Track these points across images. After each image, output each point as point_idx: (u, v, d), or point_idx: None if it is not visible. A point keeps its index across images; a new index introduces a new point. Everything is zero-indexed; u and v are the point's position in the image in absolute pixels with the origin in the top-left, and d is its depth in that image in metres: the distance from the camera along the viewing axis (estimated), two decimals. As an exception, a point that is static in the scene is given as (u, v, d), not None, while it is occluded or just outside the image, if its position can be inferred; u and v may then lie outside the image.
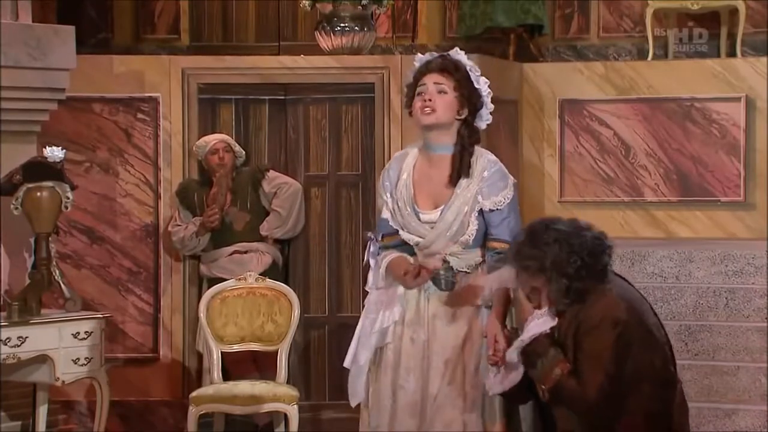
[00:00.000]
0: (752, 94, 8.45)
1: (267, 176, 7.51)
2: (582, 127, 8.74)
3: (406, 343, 4.96)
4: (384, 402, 4.97)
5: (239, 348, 6.96)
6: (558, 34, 9.58)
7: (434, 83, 4.95)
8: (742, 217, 8.46)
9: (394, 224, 5.01)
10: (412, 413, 4.92)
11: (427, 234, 4.95)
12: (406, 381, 4.94)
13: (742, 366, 6.98)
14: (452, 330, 4.94)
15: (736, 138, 8.47)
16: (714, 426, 6.81)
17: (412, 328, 4.96)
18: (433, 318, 4.95)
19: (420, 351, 4.94)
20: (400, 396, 4.93)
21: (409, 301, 4.98)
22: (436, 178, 5.00)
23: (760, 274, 7.33)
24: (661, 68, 8.75)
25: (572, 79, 8.77)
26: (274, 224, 7.48)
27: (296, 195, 7.53)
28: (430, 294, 4.97)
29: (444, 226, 4.93)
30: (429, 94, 4.94)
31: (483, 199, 4.94)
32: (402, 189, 5.00)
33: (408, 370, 4.94)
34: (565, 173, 8.77)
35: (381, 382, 4.99)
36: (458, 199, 4.93)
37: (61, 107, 7.07)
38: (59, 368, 6.45)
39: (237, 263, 7.38)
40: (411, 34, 9.65)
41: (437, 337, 4.94)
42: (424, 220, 4.96)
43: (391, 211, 5.01)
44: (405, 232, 4.99)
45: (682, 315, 7.25)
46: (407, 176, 5.02)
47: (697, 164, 8.56)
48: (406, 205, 4.98)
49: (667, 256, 7.56)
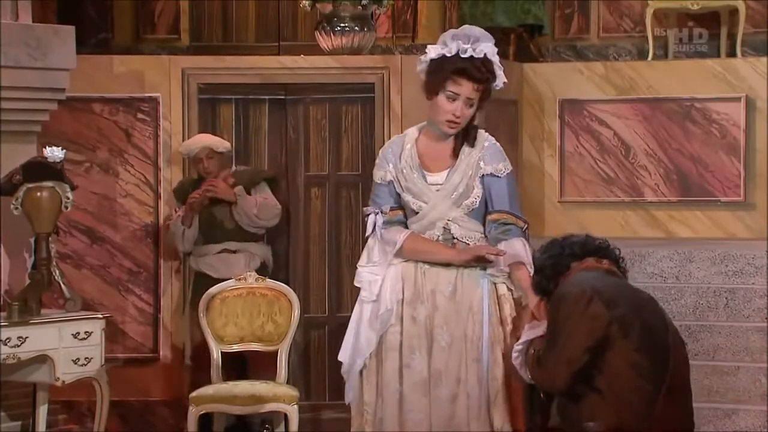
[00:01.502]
0: (752, 95, 8.45)
1: (258, 188, 7.48)
2: (582, 127, 8.74)
3: (407, 323, 4.96)
4: (391, 386, 4.95)
5: (239, 348, 6.96)
6: (558, 34, 9.58)
7: (467, 97, 4.96)
8: (742, 217, 8.46)
9: (397, 188, 5.01)
10: (423, 392, 4.91)
11: (432, 197, 4.96)
12: (412, 360, 4.93)
13: (742, 366, 6.98)
14: (453, 303, 4.95)
15: (736, 138, 8.47)
16: (714, 426, 6.80)
17: (411, 306, 4.96)
18: (432, 293, 4.96)
19: (422, 328, 4.94)
20: (408, 376, 4.92)
21: (406, 278, 4.98)
22: (440, 149, 5.05)
23: (760, 274, 7.33)
24: (661, 68, 8.75)
25: (572, 79, 8.77)
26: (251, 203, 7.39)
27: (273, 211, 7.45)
28: (426, 269, 4.98)
29: (450, 187, 4.99)
30: (459, 110, 4.96)
31: (485, 164, 5.03)
32: (407, 158, 5.03)
33: (412, 349, 4.93)
34: (565, 173, 8.77)
35: (385, 366, 4.97)
36: (463, 163, 5.01)
37: (61, 107, 7.06)
38: (59, 368, 6.44)
39: (224, 262, 7.36)
40: (411, 34, 9.65)
41: (440, 311, 4.95)
42: (430, 182, 5.00)
43: (395, 178, 5.02)
44: (409, 196, 4.99)
45: (682, 315, 7.25)
46: (411, 146, 5.06)
47: (697, 164, 8.56)
48: (412, 169, 5.01)
49: (667, 256, 7.56)
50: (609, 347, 4.48)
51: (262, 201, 7.40)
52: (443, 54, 4.98)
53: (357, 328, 5.07)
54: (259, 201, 7.39)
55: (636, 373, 4.47)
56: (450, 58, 4.96)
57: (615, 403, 4.48)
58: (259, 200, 7.40)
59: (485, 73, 4.96)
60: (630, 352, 4.48)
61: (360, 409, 5.07)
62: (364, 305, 5.06)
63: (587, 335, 4.47)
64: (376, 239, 5.05)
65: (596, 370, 4.50)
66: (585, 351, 4.47)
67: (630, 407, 4.48)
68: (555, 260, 4.73)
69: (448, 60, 4.96)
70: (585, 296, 4.50)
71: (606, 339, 4.47)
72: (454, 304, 4.95)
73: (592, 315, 4.47)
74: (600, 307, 4.48)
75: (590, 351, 4.48)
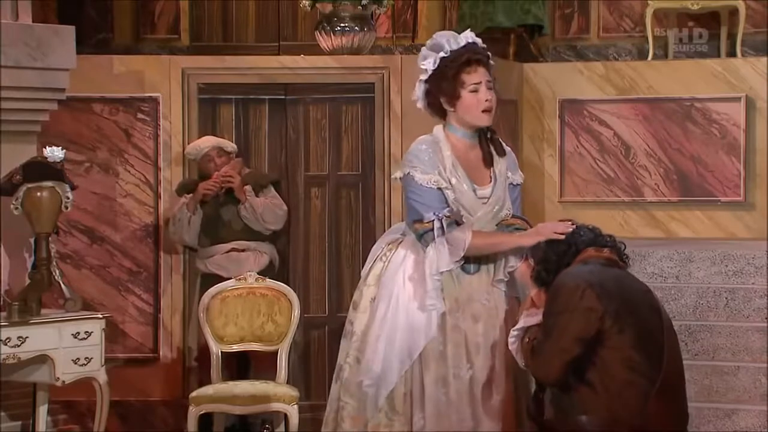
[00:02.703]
0: (752, 94, 8.45)
1: (265, 191, 7.49)
2: (582, 127, 8.74)
3: (450, 332, 4.92)
4: (434, 396, 4.87)
5: (239, 348, 6.96)
6: (558, 34, 9.58)
7: (486, 81, 4.96)
8: (742, 217, 8.46)
9: (446, 195, 4.93)
10: (469, 400, 4.89)
11: (479, 210, 4.96)
12: (460, 369, 4.90)
13: (742, 366, 6.97)
14: (491, 311, 4.95)
15: (736, 138, 8.47)
16: (714, 426, 6.80)
17: (453, 315, 4.93)
18: (469, 301, 4.94)
19: (463, 337, 4.92)
20: (456, 385, 4.88)
21: (445, 287, 4.94)
22: (474, 158, 5.03)
23: (760, 274, 7.33)
24: (661, 68, 8.75)
25: (572, 79, 8.77)
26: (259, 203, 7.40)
27: (280, 213, 7.47)
28: (461, 279, 4.96)
29: (494, 200, 4.99)
30: (487, 94, 4.95)
31: (511, 174, 5.08)
32: (451, 167, 4.96)
33: (459, 358, 4.90)
34: (565, 173, 8.77)
35: (426, 376, 4.90)
36: (501, 176, 5.03)
37: (61, 107, 7.06)
38: (59, 368, 6.44)
39: (234, 261, 7.37)
40: (411, 34, 9.65)
41: (479, 320, 4.93)
42: (480, 196, 4.97)
43: (445, 185, 4.93)
44: (458, 206, 4.94)
45: (682, 315, 7.25)
46: (450, 154, 4.98)
47: (697, 164, 8.56)
48: (461, 181, 4.95)
49: (667, 256, 7.55)
50: (603, 342, 4.49)
51: (269, 202, 7.41)
52: (439, 59, 4.95)
53: (396, 339, 4.94)
54: (267, 203, 7.40)
55: (629, 368, 4.49)
56: (450, 57, 4.94)
57: (607, 397, 4.49)
58: (266, 202, 7.41)
59: (484, 52, 5.00)
60: (624, 348, 4.49)
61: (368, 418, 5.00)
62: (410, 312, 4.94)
63: (580, 327, 4.49)
64: (440, 246, 4.90)
65: (589, 363, 4.51)
66: (578, 342, 4.49)
67: (622, 402, 4.49)
68: (560, 255, 4.75)
69: (449, 60, 4.94)
70: (579, 289, 4.51)
71: (599, 333, 4.49)
72: (493, 312, 4.96)
73: (586, 307, 4.49)
74: (594, 300, 4.50)
75: (583, 343, 4.49)
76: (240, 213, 7.39)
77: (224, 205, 7.42)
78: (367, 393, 4.96)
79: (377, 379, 4.94)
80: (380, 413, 4.95)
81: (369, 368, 4.96)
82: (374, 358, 4.96)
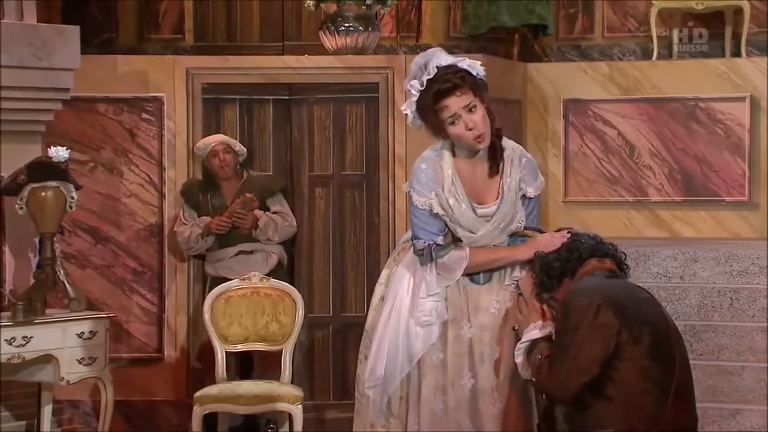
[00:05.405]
0: (756, 94, 8.45)
1: (274, 198, 7.50)
2: (586, 127, 8.74)
3: (451, 342, 4.91)
4: (431, 403, 4.87)
5: (243, 348, 6.97)
6: (562, 34, 9.58)
7: (463, 108, 4.78)
8: (746, 217, 8.46)
9: (443, 217, 4.87)
10: (470, 410, 4.87)
11: (481, 228, 4.91)
12: (461, 378, 4.88)
13: (746, 366, 6.98)
14: (496, 322, 4.92)
15: (741, 138, 8.47)
16: (718, 426, 6.80)
17: (457, 325, 4.93)
18: (476, 311, 4.92)
19: (467, 347, 4.92)
20: (455, 394, 4.86)
21: (449, 298, 4.93)
22: (477, 173, 4.94)
23: (765, 274, 7.33)
24: (666, 68, 8.75)
25: (576, 79, 8.77)
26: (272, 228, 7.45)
27: (290, 230, 7.50)
28: (469, 289, 4.95)
29: (500, 218, 4.90)
30: (470, 122, 4.79)
31: (526, 185, 4.95)
32: (450, 187, 4.89)
33: (460, 367, 4.88)
34: (569, 173, 8.77)
35: (424, 383, 4.90)
36: (510, 190, 4.92)
37: (66, 107, 7.07)
38: (64, 368, 6.45)
39: (243, 263, 7.37)
40: (415, 34, 9.66)
41: (486, 330, 4.91)
42: (480, 215, 4.91)
43: (440, 208, 4.88)
44: (456, 226, 4.89)
45: (686, 315, 7.25)
46: (452, 172, 4.91)
47: (702, 164, 8.55)
48: (459, 201, 4.89)
49: (671, 256, 7.55)
50: (620, 355, 4.47)
51: (280, 224, 7.42)
52: (415, 100, 4.85)
53: (398, 343, 4.93)
54: (277, 225, 7.41)
55: (645, 378, 4.46)
56: (421, 97, 4.84)
57: (625, 409, 4.47)
58: (277, 223, 7.41)
59: (453, 78, 4.79)
60: (639, 358, 4.47)
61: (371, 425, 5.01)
62: (412, 323, 4.93)
63: (599, 345, 4.45)
64: (433, 269, 4.90)
65: (607, 378, 4.49)
66: (597, 363, 4.45)
67: (639, 411, 4.47)
68: (563, 262, 4.73)
69: (421, 99, 4.83)
70: (594, 305, 4.48)
71: (617, 347, 4.46)
72: (498, 323, 4.92)
73: (602, 324, 4.46)
74: (609, 315, 4.47)
75: (602, 362, 4.47)
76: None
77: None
78: (369, 395, 4.98)
79: (379, 381, 4.96)
80: (380, 413, 4.97)
81: (371, 370, 4.98)
82: (377, 359, 4.97)
